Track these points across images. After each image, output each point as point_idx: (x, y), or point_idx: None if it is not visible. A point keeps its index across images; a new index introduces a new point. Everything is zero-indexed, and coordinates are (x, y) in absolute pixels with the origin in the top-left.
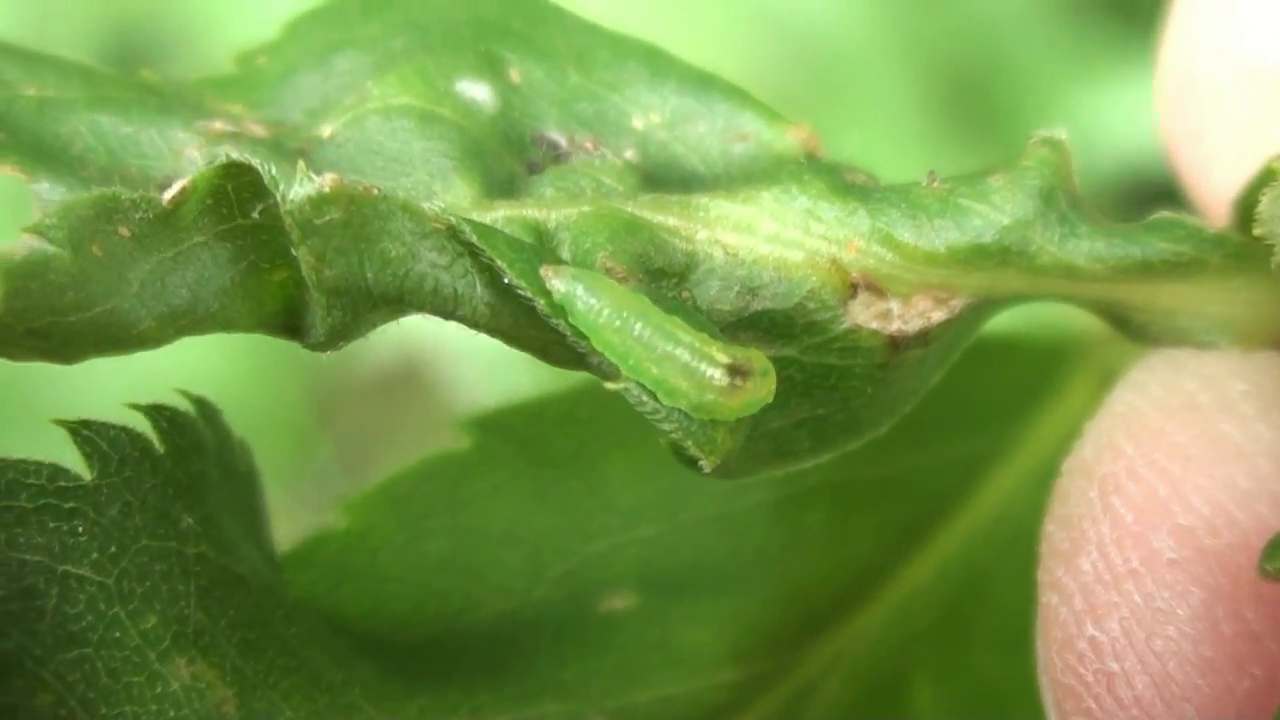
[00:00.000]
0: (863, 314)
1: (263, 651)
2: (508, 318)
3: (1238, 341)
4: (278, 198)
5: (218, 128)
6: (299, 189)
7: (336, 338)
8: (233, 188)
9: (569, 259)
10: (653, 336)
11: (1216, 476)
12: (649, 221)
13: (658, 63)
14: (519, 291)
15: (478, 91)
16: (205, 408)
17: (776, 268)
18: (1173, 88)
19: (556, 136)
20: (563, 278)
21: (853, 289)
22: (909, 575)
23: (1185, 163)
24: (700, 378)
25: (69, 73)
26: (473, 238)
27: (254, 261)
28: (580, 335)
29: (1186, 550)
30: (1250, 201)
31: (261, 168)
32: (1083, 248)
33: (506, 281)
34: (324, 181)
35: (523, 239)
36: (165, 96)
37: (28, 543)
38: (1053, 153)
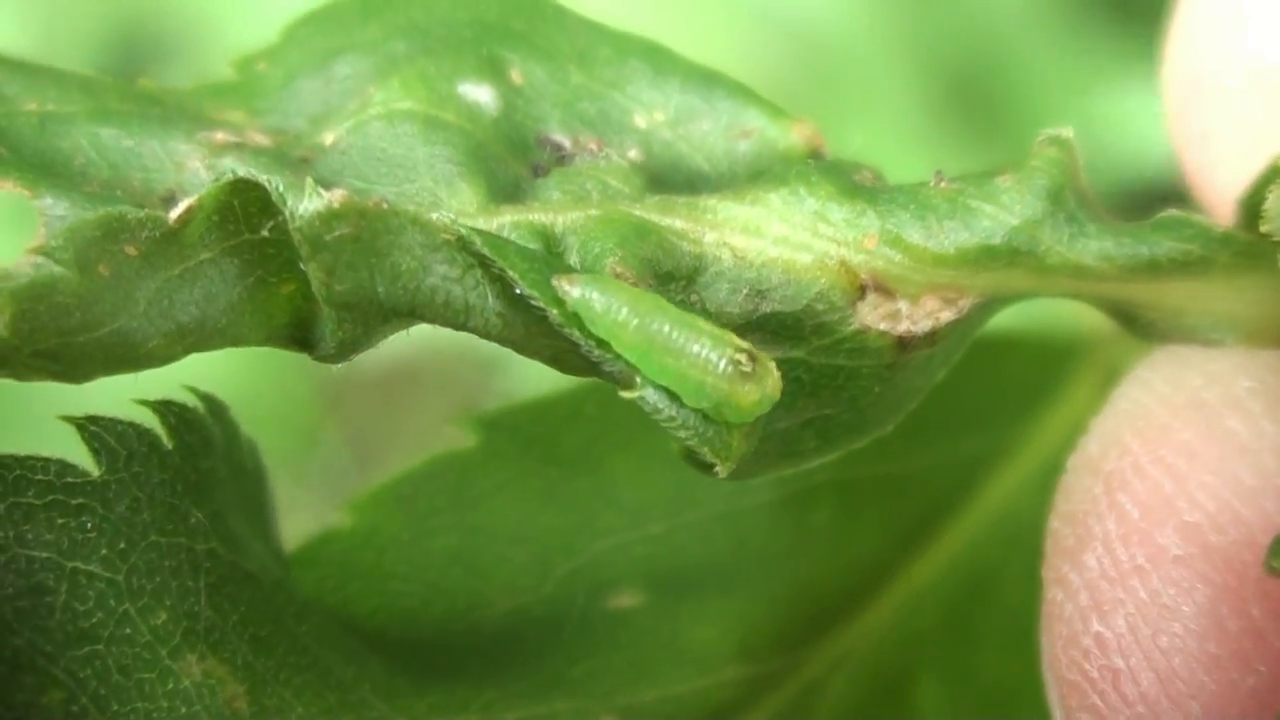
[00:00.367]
0: (871, 315)
1: (273, 648)
2: (520, 328)
3: (1244, 339)
4: (286, 214)
5: (220, 139)
6: (308, 205)
7: (347, 350)
8: (239, 203)
9: (577, 264)
10: (672, 331)
11: (1222, 473)
12: (657, 225)
13: (660, 60)
14: (531, 302)
15: (480, 94)
16: (213, 404)
17: (785, 270)
18: (1178, 88)
19: (560, 138)
20: (576, 284)
21: (861, 290)
22: (914, 573)
23: (1192, 162)
24: (722, 369)
25: (69, 85)
26: (484, 249)
27: (262, 276)
28: (596, 343)
29: (1192, 547)
30: (1256, 200)
31: (269, 184)
32: (1091, 247)
33: (518, 292)
34: (333, 197)
35: (533, 248)
36: (166, 107)
37: (36, 539)
38: (1061, 152)
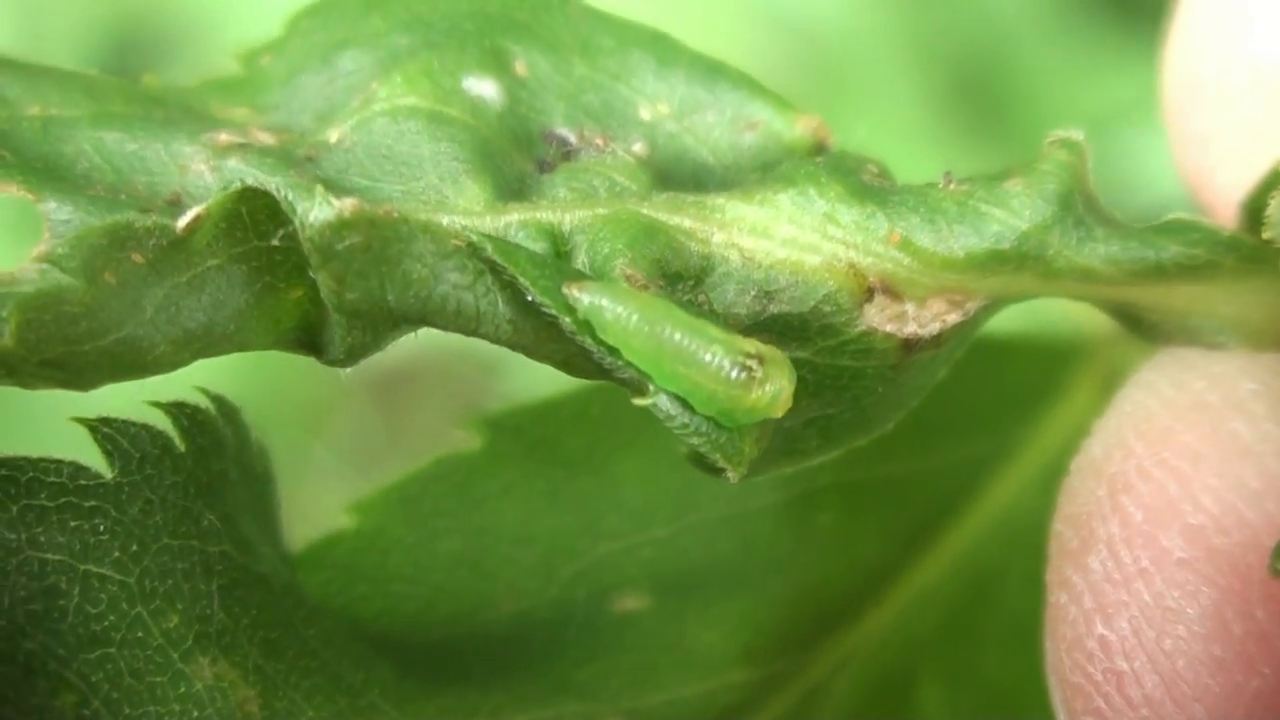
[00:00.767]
0: (877, 317)
1: (284, 652)
2: (530, 334)
3: (1248, 342)
4: (296, 223)
5: (224, 140)
6: (319, 213)
7: (356, 355)
8: (247, 211)
9: (586, 264)
10: (682, 339)
11: (1226, 475)
12: (665, 224)
13: (664, 50)
14: (542, 309)
15: (484, 88)
16: (224, 406)
17: (793, 272)
18: (1178, 89)
19: (566, 133)
20: (587, 291)
21: (869, 292)
22: (918, 575)
23: (1190, 163)
24: (734, 376)
25: (71, 88)
26: (495, 257)
27: (270, 282)
28: (607, 350)
29: (1196, 549)
30: (1259, 204)
31: (278, 193)
32: (1099, 251)
33: (529, 299)
34: (344, 206)
35: (543, 254)
36: (169, 107)
37: (49, 542)
38: (1071, 155)
